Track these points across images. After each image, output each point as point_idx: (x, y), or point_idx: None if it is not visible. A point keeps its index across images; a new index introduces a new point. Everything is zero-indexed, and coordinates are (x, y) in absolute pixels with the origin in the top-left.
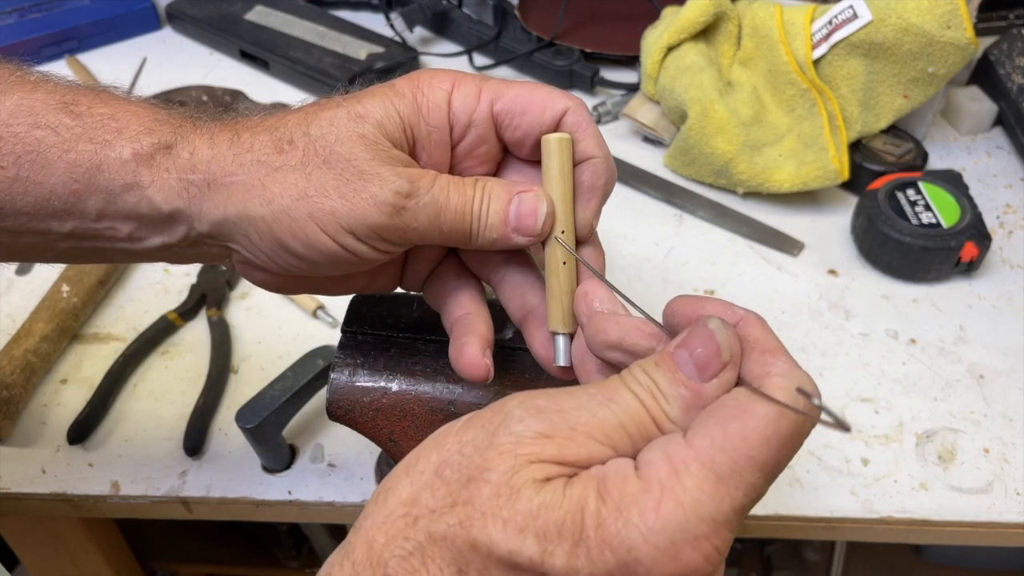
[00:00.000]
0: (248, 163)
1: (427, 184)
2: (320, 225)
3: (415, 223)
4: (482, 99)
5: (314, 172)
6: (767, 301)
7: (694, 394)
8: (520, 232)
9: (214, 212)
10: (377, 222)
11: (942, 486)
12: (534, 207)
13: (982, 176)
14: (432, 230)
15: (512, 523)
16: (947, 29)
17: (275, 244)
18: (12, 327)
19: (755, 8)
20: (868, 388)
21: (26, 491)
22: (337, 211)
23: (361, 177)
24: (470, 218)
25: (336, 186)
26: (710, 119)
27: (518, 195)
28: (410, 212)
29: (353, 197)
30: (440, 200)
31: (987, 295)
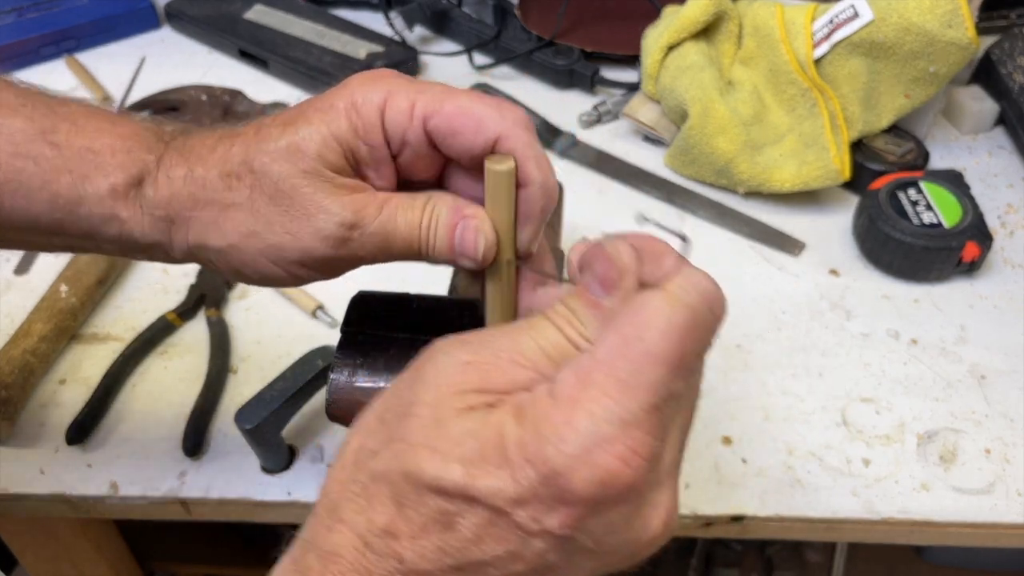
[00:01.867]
0: (202, 201)
1: (373, 213)
2: (270, 259)
3: (363, 251)
4: (415, 116)
5: (261, 209)
6: (768, 301)
7: (601, 310)
8: (464, 257)
9: (183, 243)
10: (324, 255)
11: (943, 487)
12: (474, 238)
13: (983, 176)
14: (381, 254)
15: (438, 452)
16: (948, 28)
17: (235, 272)
18: (11, 327)
19: (756, 7)
20: (869, 388)
21: (25, 492)
22: (285, 247)
23: (305, 212)
24: (418, 243)
25: (282, 222)
26: (711, 118)
27: (463, 220)
28: (356, 242)
29: (299, 232)
30: (388, 228)
31: (988, 295)
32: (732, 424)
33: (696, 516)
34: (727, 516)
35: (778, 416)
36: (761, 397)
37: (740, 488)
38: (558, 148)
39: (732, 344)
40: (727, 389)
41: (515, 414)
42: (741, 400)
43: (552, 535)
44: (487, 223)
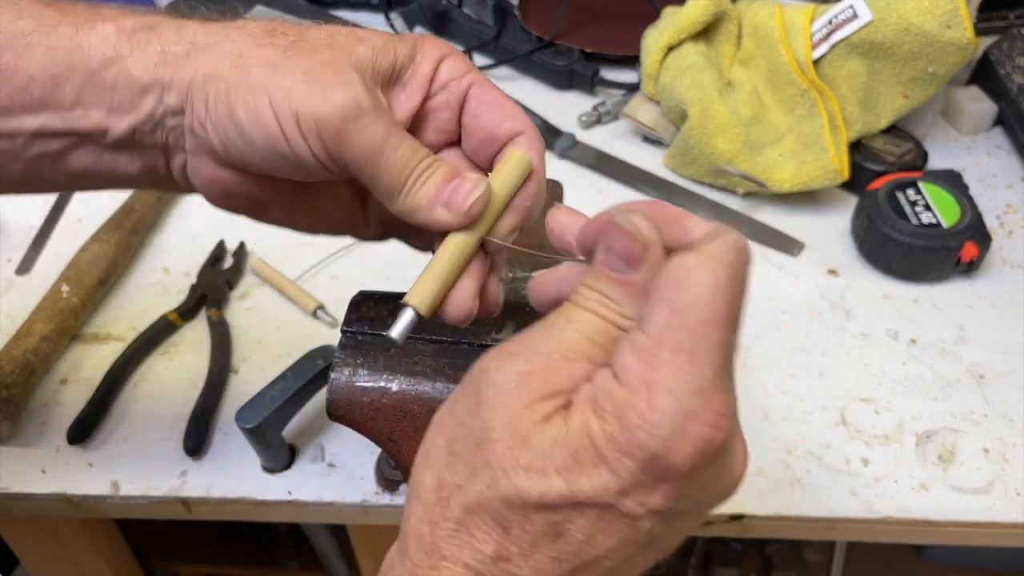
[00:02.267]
0: (236, 36)
1: (387, 117)
2: (271, 99)
3: (356, 140)
4: (465, 76)
5: (293, 56)
6: (767, 301)
7: (633, 286)
8: (448, 207)
9: (186, 75)
10: (324, 117)
11: (942, 486)
12: (469, 190)
13: (982, 176)
14: (367, 162)
15: (532, 469)
16: (947, 29)
17: (225, 112)
18: (12, 327)
19: (755, 8)
20: (868, 388)
21: (26, 491)
22: (293, 91)
23: (334, 75)
24: (408, 173)
25: (306, 71)
26: (710, 119)
27: (462, 177)
28: (358, 128)
29: (315, 85)
30: (392, 140)
31: (987, 295)
32: None
33: None
34: (726, 515)
35: (777, 416)
36: (760, 397)
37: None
38: (558, 149)
39: None
40: None
41: (593, 411)
42: (741, 400)
43: (657, 512)
44: (487, 186)
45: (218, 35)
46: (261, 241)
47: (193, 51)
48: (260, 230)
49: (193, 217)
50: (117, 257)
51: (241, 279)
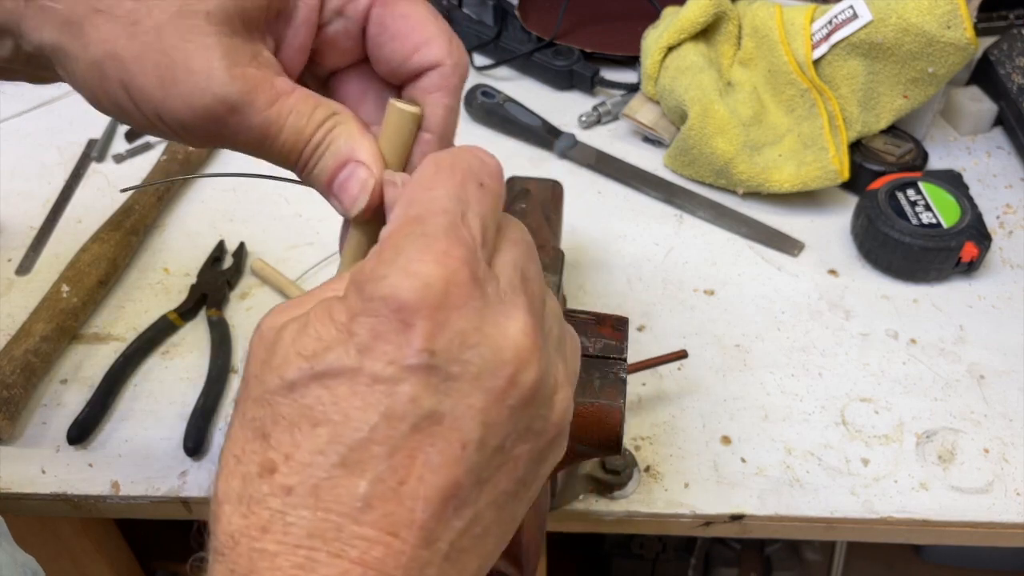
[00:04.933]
0: None
1: (262, 104)
2: (132, 97)
3: (235, 139)
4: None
5: (139, 35)
6: (767, 301)
7: None
8: (337, 202)
9: (34, 34)
10: (191, 124)
11: (942, 486)
12: (356, 191)
13: (982, 176)
14: (256, 150)
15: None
16: (947, 29)
17: (89, 92)
18: (12, 327)
19: (755, 8)
20: (868, 388)
21: (26, 491)
22: (151, 97)
23: (187, 68)
24: (298, 159)
25: (155, 67)
26: (710, 119)
27: (354, 164)
28: (231, 128)
29: (171, 88)
30: (271, 129)
31: (987, 295)
32: (731, 424)
33: (695, 515)
34: (726, 515)
35: (777, 416)
36: (760, 397)
37: (739, 487)
38: (558, 149)
39: (731, 344)
40: (726, 389)
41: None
42: (740, 400)
43: (411, 370)
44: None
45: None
46: (261, 241)
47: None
48: (260, 230)
49: (193, 217)
50: (117, 257)
51: (241, 279)
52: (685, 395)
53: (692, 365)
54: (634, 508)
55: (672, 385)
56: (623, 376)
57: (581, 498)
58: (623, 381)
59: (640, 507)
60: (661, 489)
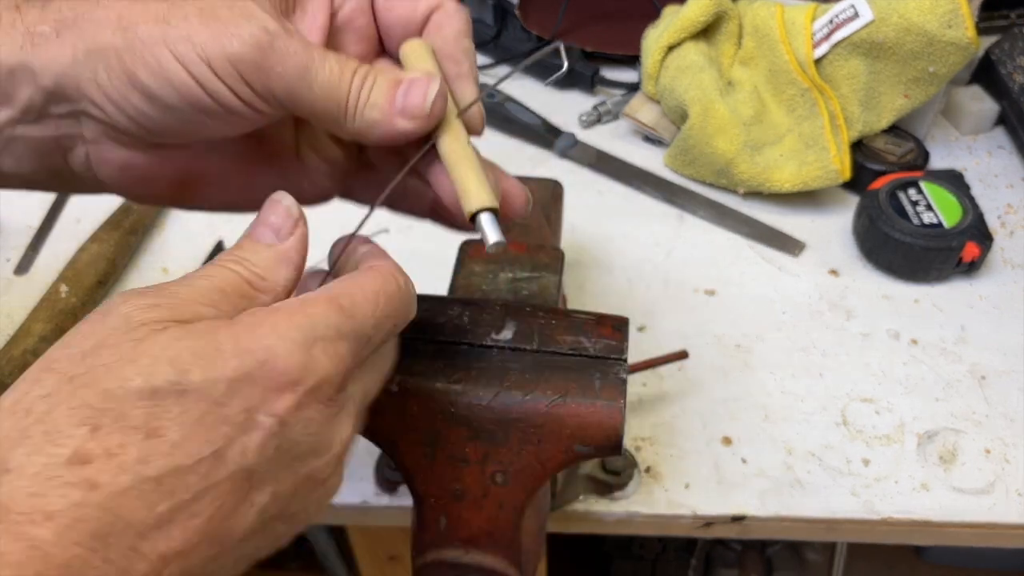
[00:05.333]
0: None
1: (301, 37)
2: (174, 52)
3: (280, 67)
4: None
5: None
6: (768, 301)
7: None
8: (406, 113)
9: (61, 56)
10: (238, 54)
11: (943, 487)
12: (423, 90)
13: (983, 176)
14: (302, 88)
15: (141, 362)
16: (948, 29)
17: (125, 81)
18: (11, 327)
19: (756, 7)
20: (869, 388)
21: None
22: (194, 37)
23: (231, 8)
24: (347, 89)
25: (199, 13)
26: (711, 119)
27: (408, 80)
28: (277, 53)
29: (214, 24)
30: (315, 56)
31: (988, 295)
32: (732, 424)
33: (696, 516)
34: (727, 516)
35: (778, 416)
36: (761, 397)
37: (740, 488)
38: (558, 148)
39: (732, 344)
40: (727, 389)
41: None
42: (741, 400)
43: (258, 426)
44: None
45: (86, 3)
46: None
47: (62, 29)
48: None
49: (192, 217)
50: (116, 257)
51: None
52: (686, 395)
53: (693, 365)
54: (634, 509)
55: (673, 385)
56: (623, 376)
57: (581, 499)
58: (623, 381)
59: (640, 508)
60: (661, 490)
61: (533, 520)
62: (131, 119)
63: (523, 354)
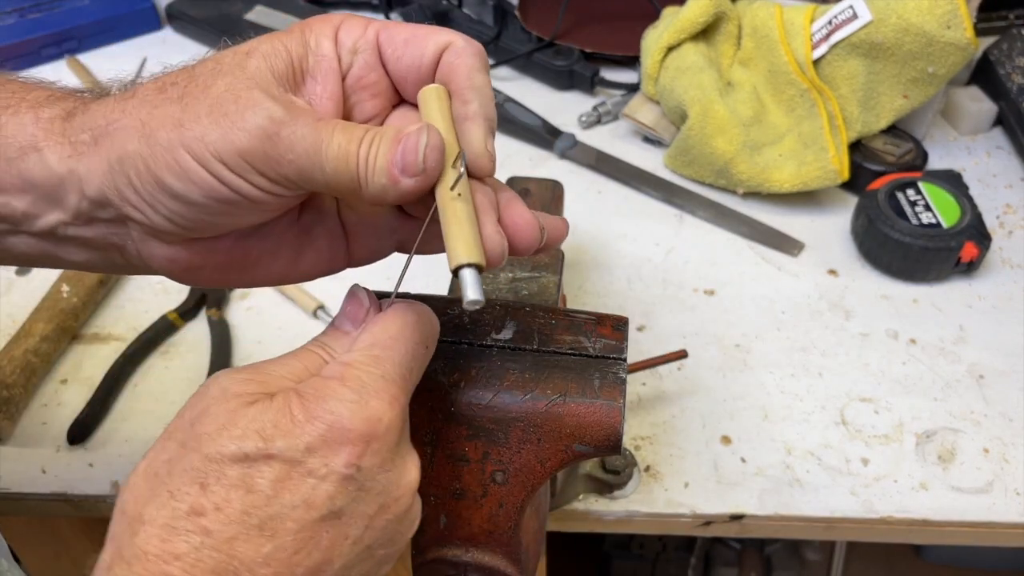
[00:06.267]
0: (130, 107)
1: (307, 119)
2: (191, 152)
3: (291, 154)
4: (368, 29)
5: (191, 103)
6: (767, 301)
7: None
8: (406, 172)
9: (99, 165)
10: (246, 147)
11: (942, 486)
12: (415, 143)
13: (982, 176)
14: (314, 168)
15: (234, 432)
16: (947, 29)
17: (154, 184)
18: (12, 327)
19: (755, 8)
20: (868, 388)
21: (26, 491)
22: (207, 136)
23: (236, 102)
24: (356, 160)
25: (209, 112)
26: (710, 119)
27: (404, 136)
28: (285, 141)
29: (224, 121)
30: (323, 135)
31: (987, 295)
32: (731, 423)
33: (695, 515)
34: (726, 515)
35: (777, 415)
36: (760, 397)
37: (739, 487)
38: (558, 149)
39: (731, 344)
40: (726, 388)
41: (296, 393)
42: (740, 399)
43: (338, 476)
44: (433, 129)
45: (115, 112)
46: None
47: (100, 136)
48: None
49: None
50: None
51: None
52: (685, 395)
53: (692, 365)
54: (634, 508)
55: (672, 385)
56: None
57: (581, 498)
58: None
59: (640, 507)
60: (661, 489)
61: (533, 519)
62: (166, 219)
63: (523, 354)
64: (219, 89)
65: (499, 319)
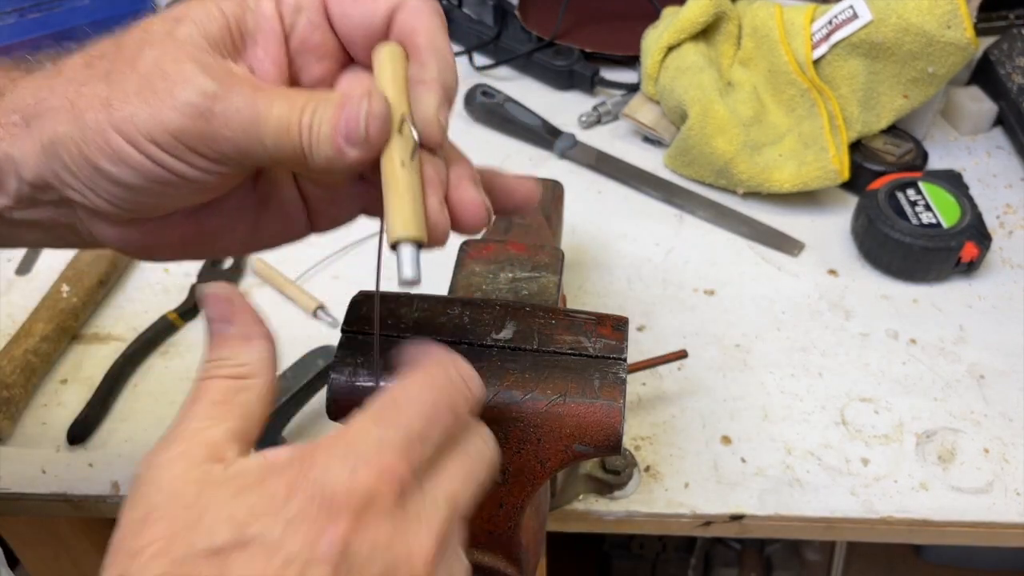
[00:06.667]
0: (58, 85)
1: (244, 89)
2: (122, 134)
3: (227, 130)
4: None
5: (118, 79)
6: (767, 302)
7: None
8: (350, 141)
9: (32, 147)
10: (178, 126)
11: (942, 486)
12: (357, 110)
13: (982, 176)
14: (253, 143)
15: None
16: (947, 29)
17: (90, 168)
18: (12, 327)
19: (755, 8)
20: (868, 388)
21: (26, 491)
22: (136, 116)
23: (165, 78)
24: (298, 130)
25: (138, 90)
26: (710, 119)
27: (347, 100)
28: (219, 118)
29: (153, 99)
30: (260, 107)
31: (987, 295)
32: (731, 423)
33: (695, 515)
34: (726, 515)
35: (777, 416)
36: (760, 397)
37: (739, 487)
38: (558, 149)
39: (731, 344)
40: (726, 389)
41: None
42: (740, 400)
43: (321, 558)
44: (377, 95)
45: (43, 91)
46: None
47: (31, 117)
48: None
49: None
50: (117, 257)
51: (241, 279)
52: (685, 395)
53: (692, 365)
54: (634, 508)
55: (672, 385)
56: (623, 376)
57: (581, 498)
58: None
59: (640, 507)
60: (661, 489)
61: (533, 519)
62: (107, 201)
63: (523, 354)
64: (147, 63)
65: (499, 319)
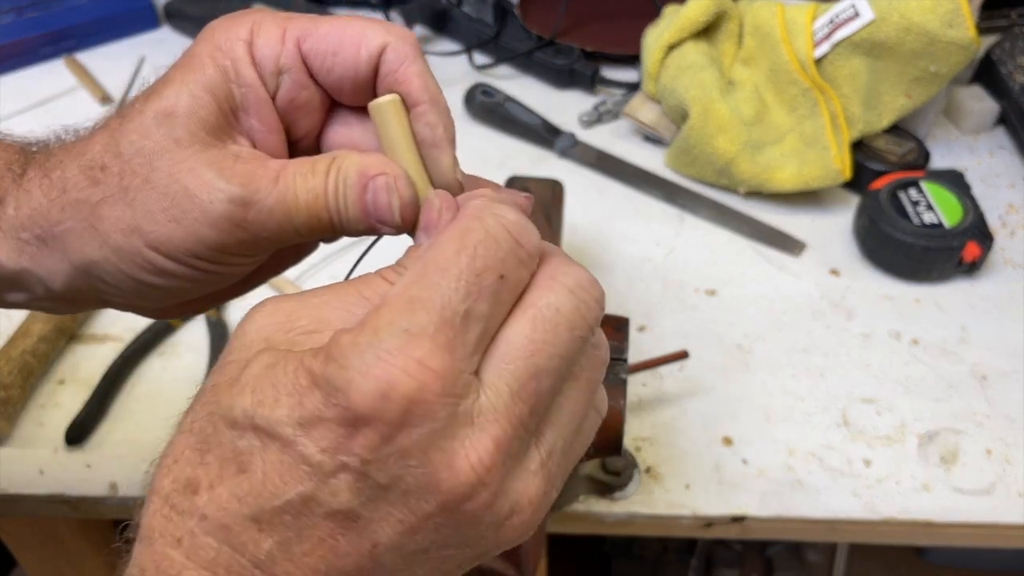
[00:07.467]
0: (68, 205)
1: (267, 185)
2: (161, 252)
3: (264, 232)
4: (287, 40)
5: (137, 197)
6: (768, 302)
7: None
8: (383, 224)
9: (60, 268)
10: (216, 240)
11: (944, 487)
12: (387, 200)
13: (984, 176)
14: (288, 233)
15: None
16: (949, 28)
17: (131, 280)
18: (10, 327)
19: (757, 7)
20: (870, 389)
21: (23, 492)
22: (173, 238)
23: (187, 192)
24: (327, 213)
25: (164, 209)
26: (711, 118)
27: (371, 181)
28: (255, 223)
29: (184, 219)
30: (288, 199)
31: (989, 295)
32: (733, 424)
33: (697, 516)
34: (728, 517)
35: (779, 416)
36: (762, 397)
37: (741, 488)
38: (558, 148)
39: (733, 344)
40: (728, 389)
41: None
42: (742, 400)
43: (342, 467)
44: (401, 178)
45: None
46: None
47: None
48: None
49: None
50: None
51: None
52: (686, 396)
53: (693, 366)
54: (635, 509)
55: (673, 386)
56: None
57: (581, 499)
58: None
59: (641, 508)
60: (662, 490)
61: None
62: (149, 300)
63: None
64: (162, 178)
65: None
